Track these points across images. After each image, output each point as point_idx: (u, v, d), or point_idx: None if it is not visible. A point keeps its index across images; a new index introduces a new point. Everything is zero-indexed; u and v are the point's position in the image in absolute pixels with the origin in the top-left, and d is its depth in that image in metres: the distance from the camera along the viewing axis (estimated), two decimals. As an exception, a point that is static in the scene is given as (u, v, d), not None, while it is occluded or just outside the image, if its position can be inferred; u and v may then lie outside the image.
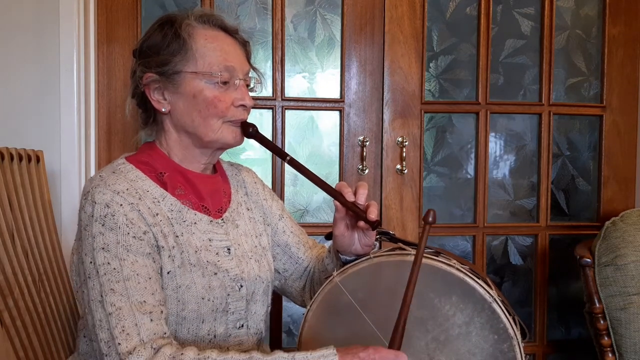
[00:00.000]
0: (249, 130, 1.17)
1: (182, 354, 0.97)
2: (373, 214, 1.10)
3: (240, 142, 1.19)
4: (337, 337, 1.09)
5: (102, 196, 1.04)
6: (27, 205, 1.43)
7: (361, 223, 1.11)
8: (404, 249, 1.07)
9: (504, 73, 2.20)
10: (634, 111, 2.24)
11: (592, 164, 2.28)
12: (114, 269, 1.00)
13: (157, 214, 1.09)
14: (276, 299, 1.42)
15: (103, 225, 1.02)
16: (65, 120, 1.82)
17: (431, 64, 2.16)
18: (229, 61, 1.14)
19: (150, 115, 1.19)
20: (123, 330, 0.97)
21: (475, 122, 2.18)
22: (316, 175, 1.16)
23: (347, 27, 2.07)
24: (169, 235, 1.09)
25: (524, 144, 2.24)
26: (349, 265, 1.09)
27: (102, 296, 1.00)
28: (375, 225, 1.09)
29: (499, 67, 2.19)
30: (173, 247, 1.09)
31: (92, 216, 1.03)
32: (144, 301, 1.00)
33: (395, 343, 0.93)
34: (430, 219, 0.98)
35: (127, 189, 1.07)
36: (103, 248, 1.01)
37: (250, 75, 1.21)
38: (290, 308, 2.14)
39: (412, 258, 1.03)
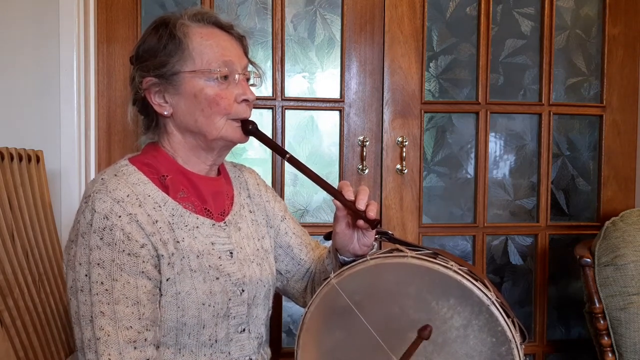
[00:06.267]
0: (249, 128, 1.16)
1: None
2: (372, 212, 1.10)
3: (245, 139, 1.18)
4: (335, 339, 1.09)
5: (102, 204, 1.03)
6: (27, 205, 1.44)
7: (360, 222, 1.10)
8: (401, 251, 1.07)
9: (504, 73, 2.20)
10: (634, 111, 2.24)
11: (592, 164, 2.28)
12: (106, 290, 1.02)
13: (156, 221, 1.08)
14: (276, 299, 1.42)
15: (101, 239, 1.02)
16: (65, 120, 1.82)
17: (431, 64, 2.16)
18: (227, 56, 1.13)
19: (152, 120, 1.18)
20: (109, 359, 1.02)
21: (475, 122, 2.18)
22: (315, 174, 1.15)
23: (347, 27, 2.07)
24: (169, 242, 1.09)
25: (524, 144, 2.24)
26: (345, 267, 1.09)
27: (92, 317, 1.02)
28: (374, 224, 1.09)
29: (499, 67, 2.19)
30: (172, 254, 1.09)
31: (91, 225, 1.03)
32: (130, 327, 1.03)
33: None
34: (425, 334, 0.98)
35: (128, 195, 1.07)
36: (99, 264, 1.02)
37: (249, 69, 1.20)
38: (290, 308, 2.14)
39: (409, 260, 1.03)
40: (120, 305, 1.02)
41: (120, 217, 1.04)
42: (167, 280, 1.08)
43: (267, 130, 2.04)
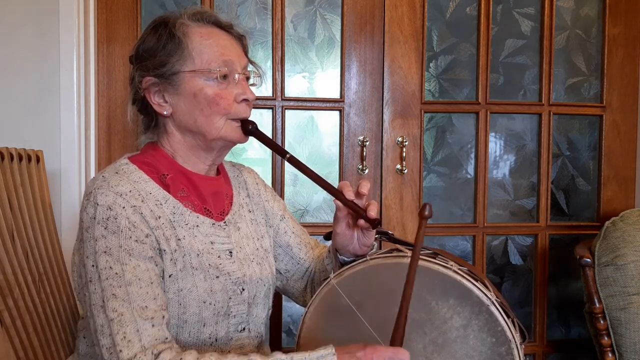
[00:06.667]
0: (249, 128, 1.16)
1: (181, 358, 0.97)
2: (373, 212, 1.10)
3: (244, 139, 1.18)
4: (335, 339, 1.08)
5: (104, 198, 1.03)
6: (27, 205, 1.43)
7: (361, 222, 1.11)
8: (400, 251, 1.07)
9: (504, 73, 2.20)
10: (634, 111, 2.24)
11: (592, 164, 2.28)
12: (116, 273, 1.00)
13: (159, 217, 1.08)
14: (276, 299, 1.42)
15: (105, 228, 1.02)
16: (65, 120, 1.82)
17: (431, 64, 2.16)
18: (226, 55, 1.13)
19: (152, 120, 1.18)
20: (124, 337, 0.98)
21: (475, 122, 2.18)
22: (316, 174, 1.15)
23: (347, 27, 2.07)
24: (171, 238, 1.09)
25: (524, 144, 2.24)
26: (345, 267, 1.09)
27: (103, 301, 1.00)
28: (375, 223, 1.09)
29: (499, 67, 2.19)
30: (175, 250, 1.09)
31: (94, 218, 1.02)
32: (146, 306, 1.00)
33: (396, 340, 0.93)
34: (426, 212, 0.94)
35: (130, 191, 1.06)
36: (105, 252, 1.01)
37: (249, 69, 1.20)
38: (290, 308, 2.14)
39: (409, 260, 1.03)
40: (133, 287, 1.00)
41: (124, 207, 1.04)
42: (169, 276, 1.08)
43: (267, 130, 2.04)
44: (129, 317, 0.99)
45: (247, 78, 1.19)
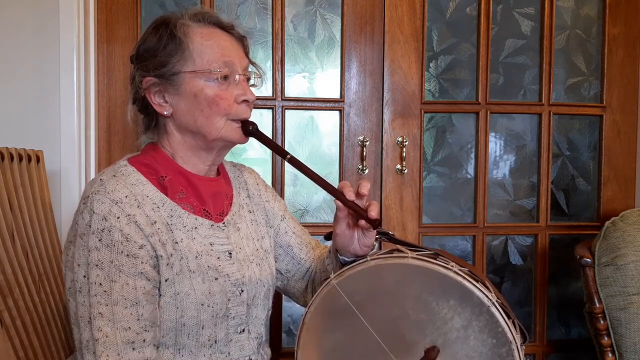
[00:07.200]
0: (249, 128, 1.16)
1: None
2: (374, 212, 1.10)
3: (244, 140, 1.18)
4: (335, 339, 1.09)
5: (100, 206, 1.03)
6: (27, 205, 1.44)
7: (362, 222, 1.10)
8: (401, 251, 1.07)
9: (504, 73, 2.20)
10: (634, 111, 2.24)
11: (592, 164, 2.28)
12: (105, 291, 1.02)
13: (155, 222, 1.08)
14: (276, 299, 1.42)
15: (100, 240, 1.02)
16: (65, 120, 1.82)
17: (431, 64, 2.16)
18: (227, 56, 1.13)
19: (152, 120, 1.18)
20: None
21: (475, 122, 2.18)
22: (317, 174, 1.15)
23: (347, 27, 2.06)
24: (167, 243, 1.09)
25: (524, 144, 2.24)
26: (345, 267, 1.09)
27: (90, 318, 1.02)
28: (375, 223, 1.09)
29: (499, 67, 2.19)
30: (171, 254, 1.09)
31: (90, 227, 1.03)
32: (129, 327, 1.03)
33: None
34: (432, 356, 1.01)
35: (127, 196, 1.06)
36: (97, 265, 1.02)
37: (250, 70, 1.20)
38: (290, 308, 2.14)
39: (409, 261, 1.03)
40: (118, 307, 1.02)
41: (118, 218, 1.04)
42: (166, 280, 1.08)
43: (267, 131, 2.04)
44: (113, 339, 1.02)
45: (248, 79, 1.19)
